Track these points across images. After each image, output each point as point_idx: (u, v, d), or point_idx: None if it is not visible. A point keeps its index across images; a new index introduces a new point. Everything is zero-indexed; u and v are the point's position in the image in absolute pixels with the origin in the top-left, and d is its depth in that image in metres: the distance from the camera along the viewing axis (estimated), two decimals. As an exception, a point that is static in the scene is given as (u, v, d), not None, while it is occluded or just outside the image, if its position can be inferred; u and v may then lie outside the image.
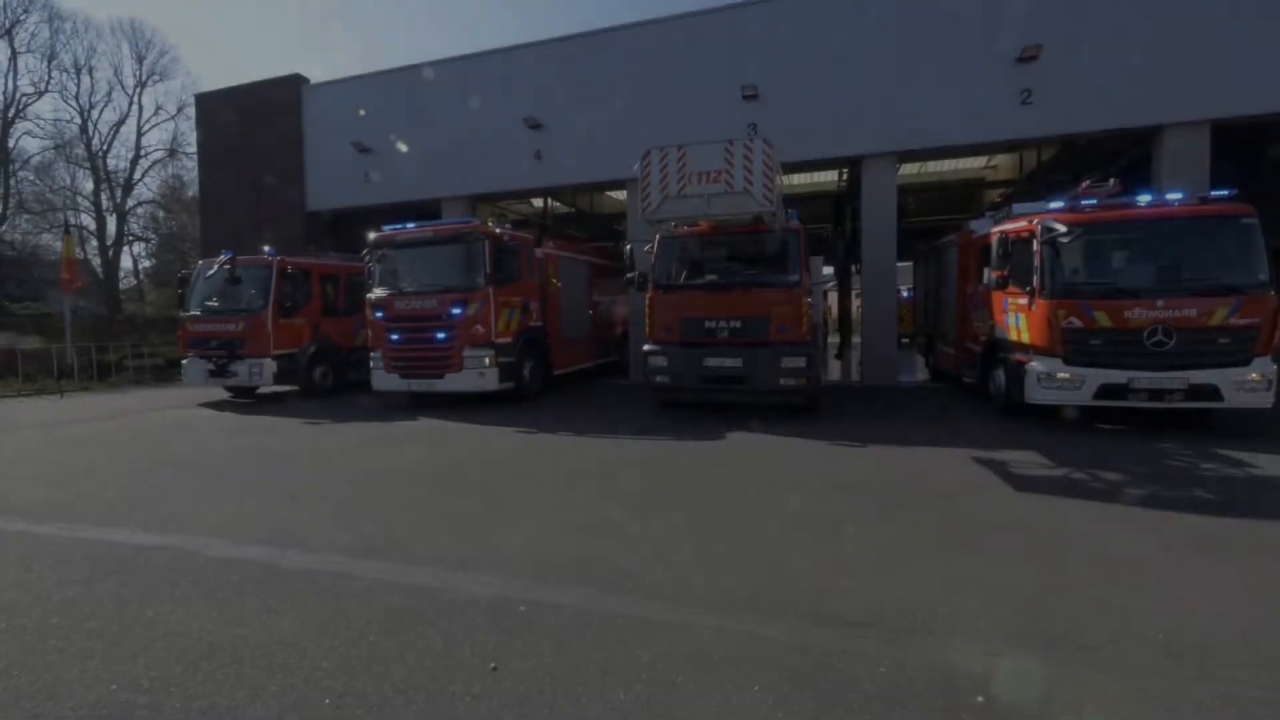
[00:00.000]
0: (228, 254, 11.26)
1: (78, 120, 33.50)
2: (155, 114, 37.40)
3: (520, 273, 10.36)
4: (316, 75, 19.90)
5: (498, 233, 9.95)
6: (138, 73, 34.90)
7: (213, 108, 18.13)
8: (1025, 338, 7.54)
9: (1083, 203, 7.50)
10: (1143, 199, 7.42)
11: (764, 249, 8.69)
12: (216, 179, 18.17)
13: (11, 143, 31.57)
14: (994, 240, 8.20)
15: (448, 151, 14.88)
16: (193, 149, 26.71)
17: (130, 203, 35.12)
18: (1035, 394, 7.21)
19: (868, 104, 11.80)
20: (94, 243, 33.99)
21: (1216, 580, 3.25)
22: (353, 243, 14.07)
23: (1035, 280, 7.25)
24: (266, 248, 11.63)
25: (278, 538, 4.12)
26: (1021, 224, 7.76)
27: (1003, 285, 7.93)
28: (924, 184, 17.35)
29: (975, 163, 16.82)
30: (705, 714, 2.22)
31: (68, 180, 34.08)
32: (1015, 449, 6.32)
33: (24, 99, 31.97)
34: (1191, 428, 7.27)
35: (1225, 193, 7.10)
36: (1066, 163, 13.90)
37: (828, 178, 16.49)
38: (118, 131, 34.75)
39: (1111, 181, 7.93)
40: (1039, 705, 2.25)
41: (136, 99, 34.75)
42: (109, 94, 35.01)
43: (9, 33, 30.82)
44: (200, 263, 12.37)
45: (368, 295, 10.25)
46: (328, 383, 12.04)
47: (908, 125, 11.69)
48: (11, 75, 31.33)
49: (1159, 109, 10.53)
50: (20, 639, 2.85)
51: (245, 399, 12.01)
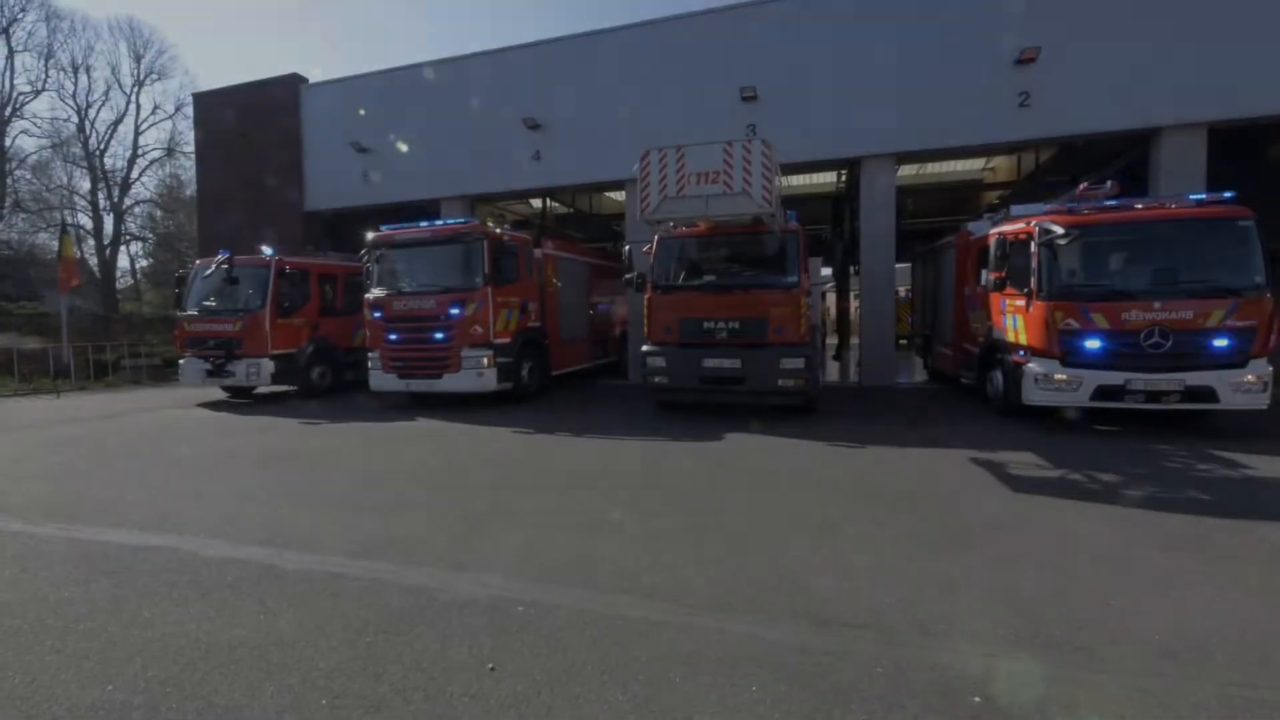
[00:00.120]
0: (225, 254, 11.22)
1: (75, 119, 33.50)
2: (153, 113, 37.26)
3: (519, 273, 10.35)
4: (315, 75, 19.84)
5: (496, 233, 9.94)
6: (135, 72, 34.92)
7: (211, 107, 18.10)
8: (1023, 339, 7.56)
9: (1081, 204, 7.52)
10: (1140, 201, 7.45)
11: (763, 250, 8.69)
12: (214, 178, 18.15)
13: (8, 141, 31.52)
14: (992, 242, 8.22)
15: (447, 151, 14.88)
16: (190, 148, 26.63)
17: (127, 202, 35.08)
18: (1033, 395, 7.23)
19: (866, 105, 11.83)
20: (91, 242, 33.94)
21: (1213, 581, 3.26)
22: (351, 243, 14.05)
23: (1033, 282, 7.27)
24: (264, 247, 11.59)
25: (275, 538, 4.11)
26: (1019, 226, 7.78)
27: (1000, 287, 7.95)
28: (923, 185, 17.40)
29: (974, 164, 16.88)
30: (703, 714, 2.22)
31: (65, 179, 34.09)
32: (1013, 450, 6.33)
33: (21, 98, 31.96)
34: (1188, 429, 7.29)
35: (1225, 195, 7.13)
36: (1064, 164, 13.96)
37: (826, 179, 16.54)
38: (115, 130, 34.72)
39: (1109, 183, 7.97)
40: (1036, 706, 2.25)
41: (134, 98, 34.75)
42: (106, 93, 35.14)
43: (6, 31, 30.78)
44: (198, 262, 12.31)
45: (366, 295, 10.23)
46: (326, 383, 12.02)
47: (906, 127, 11.73)
48: (8, 74, 31.33)
49: (1156, 111, 10.59)
50: (16, 640, 2.84)
51: (243, 399, 11.98)
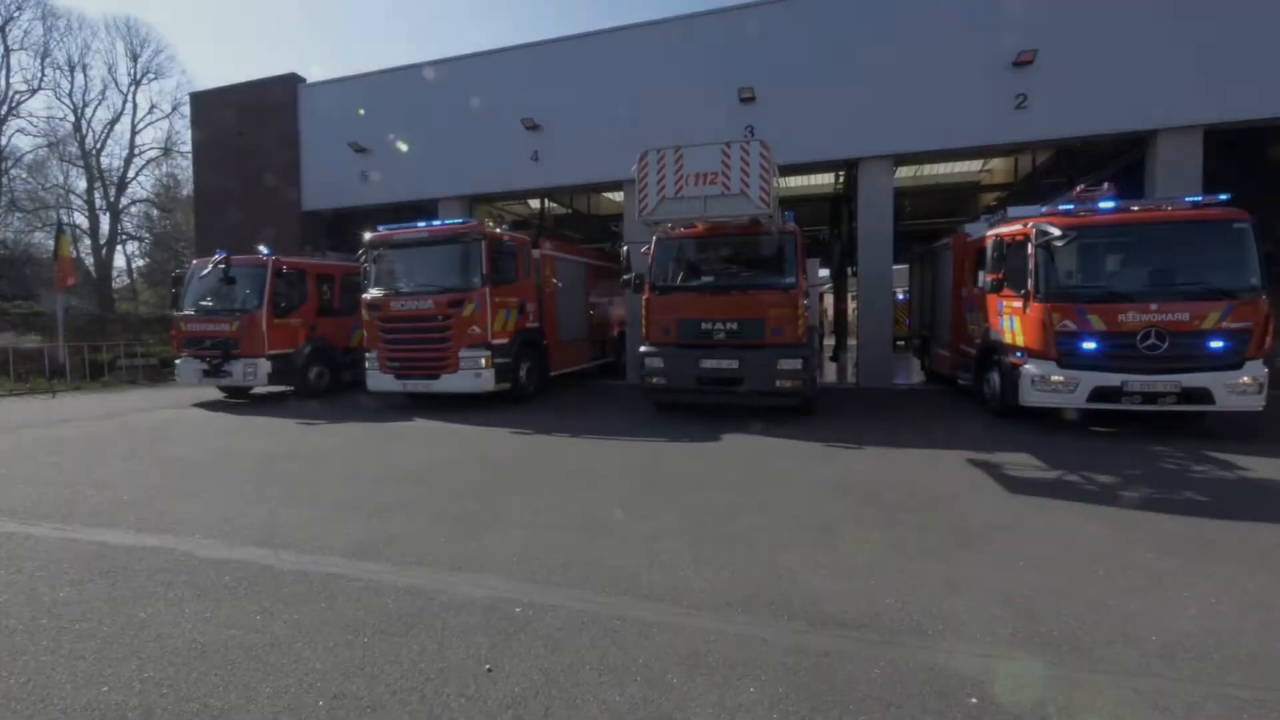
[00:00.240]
0: (222, 253, 11.18)
1: (71, 118, 33.43)
2: (150, 112, 37.48)
3: (517, 273, 10.34)
4: (313, 74, 19.81)
5: (495, 233, 9.93)
6: (132, 71, 34.88)
7: (208, 106, 18.07)
8: (1020, 340, 7.57)
9: (1077, 206, 7.54)
10: (1137, 203, 7.47)
11: (761, 251, 8.70)
12: (212, 178, 18.09)
13: (4, 140, 31.51)
14: (989, 243, 8.23)
15: (445, 152, 14.87)
16: (187, 148, 26.59)
17: (124, 201, 35.04)
18: (1029, 397, 7.24)
19: (865, 107, 11.87)
20: (87, 241, 33.87)
21: (1210, 582, 3.26)
22: (349, 242, 14.04)
23: (1030, 283, 7.29)
24: (262, 247, 11.56)
25: (272, 539, 4.10)
26: (1016, 227, 7.80)
27: (997, 288, 7.97)
28: (920, 187, 17.46)
29: (971, 166, 16.93)
30: (701, 715, 2.21)
31: (61, 178, 34.05)
32: (1010, 451, 6.35)
33: (17, 96, 31.93)
34: (1184, 431, 7.31)
35: (1221, 197, 7.15)
36: (1061, 166, 14.00)
37: (825, 180, 16.58)
38: (112, 130, 34.72)
39: (1106, 185, 7.99)
40: (1033, 706, 2.25)
41: (131, 97, 34.72)
42: (103, 92, 34.96)
43: (2, 29, 30.75)
44: (195, 262, 12.26)
45: (363, 295, 10.21)
46: (323, 383, 11.99)
47: (904, 128, 11.77)
48: (4, 72, 31.33)
49: (1153, 114, 10.64)
50: (11, 640, 2.83)
51: (239, 399, 11.95)
